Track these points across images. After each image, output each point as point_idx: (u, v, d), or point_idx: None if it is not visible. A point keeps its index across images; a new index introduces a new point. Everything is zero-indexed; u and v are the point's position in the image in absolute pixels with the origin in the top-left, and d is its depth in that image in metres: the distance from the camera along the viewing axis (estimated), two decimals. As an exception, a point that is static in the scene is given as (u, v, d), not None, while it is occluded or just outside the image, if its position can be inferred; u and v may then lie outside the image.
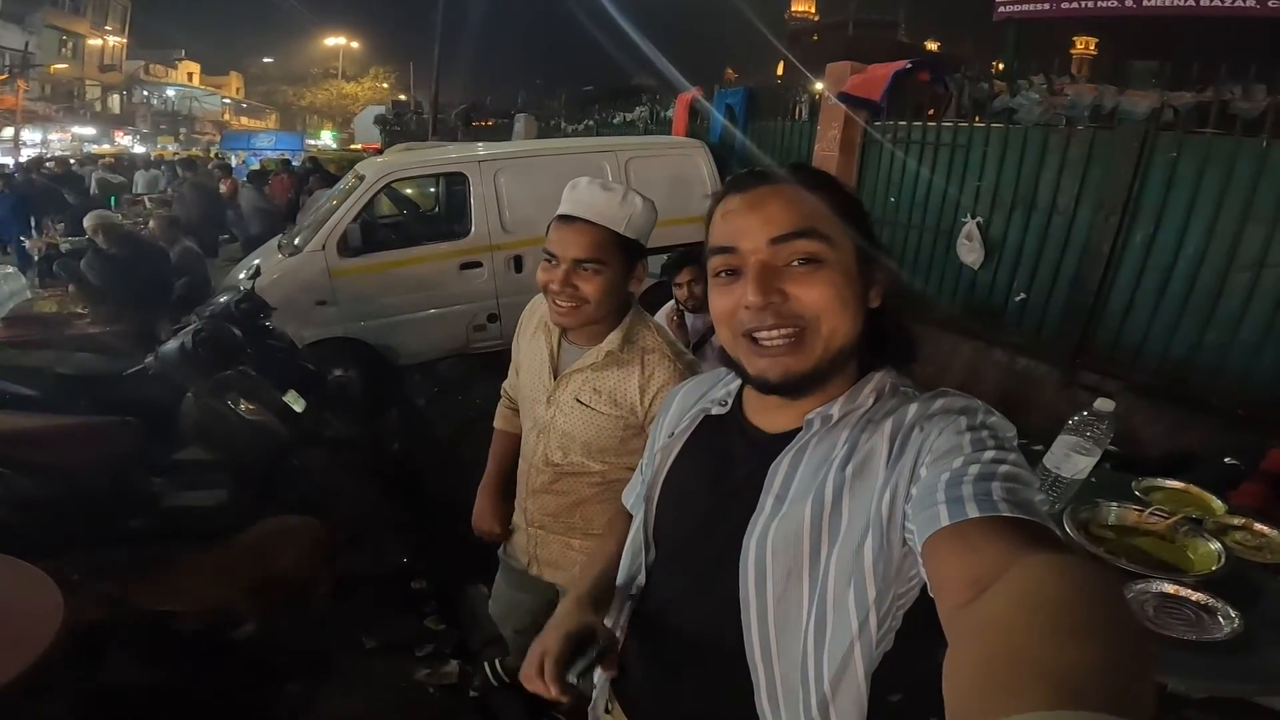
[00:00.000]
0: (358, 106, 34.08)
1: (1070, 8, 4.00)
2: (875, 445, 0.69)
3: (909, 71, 4.14)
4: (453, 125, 13.10)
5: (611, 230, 1.24)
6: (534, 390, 1.43)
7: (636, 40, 16.11)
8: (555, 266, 1.25)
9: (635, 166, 4.73)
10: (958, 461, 0.61)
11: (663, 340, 1.36)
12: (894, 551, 0.66)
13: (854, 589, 0.67)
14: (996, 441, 0.63)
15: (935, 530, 0.57)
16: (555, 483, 1.45)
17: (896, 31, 42.75)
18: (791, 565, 0.70)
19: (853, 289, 0.71)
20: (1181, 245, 3.14)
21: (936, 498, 0.59)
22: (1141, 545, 1.43)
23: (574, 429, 1.37)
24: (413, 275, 4.20)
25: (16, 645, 1.33)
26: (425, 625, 2.44)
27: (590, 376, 1.34)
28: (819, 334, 0.70)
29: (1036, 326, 3.68)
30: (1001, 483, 0.58)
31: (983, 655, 0.42)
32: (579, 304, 1.26)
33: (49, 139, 26.19)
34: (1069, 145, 3.45)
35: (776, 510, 0.72)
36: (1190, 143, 3.08)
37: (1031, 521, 0.55)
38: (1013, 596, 0.46)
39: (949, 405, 0.69)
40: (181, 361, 2.54)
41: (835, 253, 0.70)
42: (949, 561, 0.55)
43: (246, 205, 7.28)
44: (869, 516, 0.67)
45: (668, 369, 1.31)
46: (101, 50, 32.50)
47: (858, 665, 0.68)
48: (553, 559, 1.54)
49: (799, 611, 0.70)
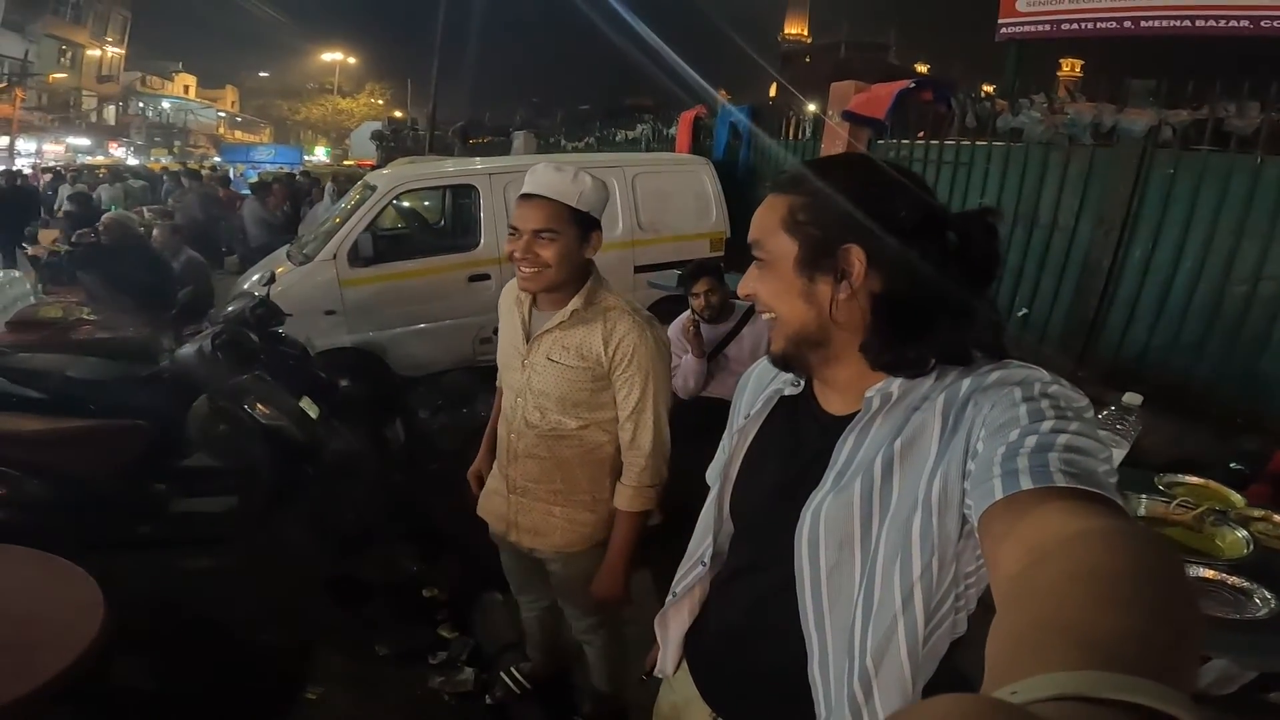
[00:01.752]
0: (353, 122, 34.25)
1: (1071, 29, 4.12)
2: (926, 420, 0.70)
3: (912, 90, 4.23)
4: (450, 142, 13.18)
5: (565, 204, 1.41)
6: (510, 357, 1.58)
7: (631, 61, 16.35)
8: (518, 237, 1.43)
9: (641, 182, 4.79)
10: (1014, 434, 0.60)
11: (620, 298, 1.52)
12: (949, 528, 0.66)
13: (900, 564, 0.68)
14: (1057, 411, 0.61)
15: (990, 504, 0.57)
16: (536, 446, 1.56)
17: (888, 54, 43.57)
18: (843, 538, 0.72)
19: (792, 286, 0.77)
20: (1180, 260, 3.21)
21: (992, 471, 0.58)
22: (1171, 535, 1.49)
23: (548, 385, 1.51)
24: (421, 287, 4.22)
25: (59, 642, 1.32)
26: (439, 633, 2.43)
27: (559, 335, 1.49)
28: (780, 322, 0.79)
29: (1039, 340, 3.74)
30: (1060, 453, 0.56)
31: (1022, 620, 0.42)
32: (541, 269, 1.42)
33: (43, 149, 26.11)
34: (1069, 162, 3.54)
35: (835, 485, 0.75)
36: (1187, 160, 3.17)
37: (1091, 491, 0.53)
38: (1062, 565, 0.45)
39: (1005, 378, 0.67)
40: (199, 364, 2.54)
41: (770, 256, 0.79)
42: (1002, 533, 0.54)
43: (250, 217, 7.29)
44: (918, 492, 0.68)
45: (627, 320, 1.47)
46: (100, 61, 32.51)
47: (900, 643, 0.68)
48: (533, 525, 1.64)
49: (850, 583, 0.72)
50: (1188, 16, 3.74)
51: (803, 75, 36.20)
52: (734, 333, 2.74)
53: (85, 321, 3.79)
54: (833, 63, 37.98)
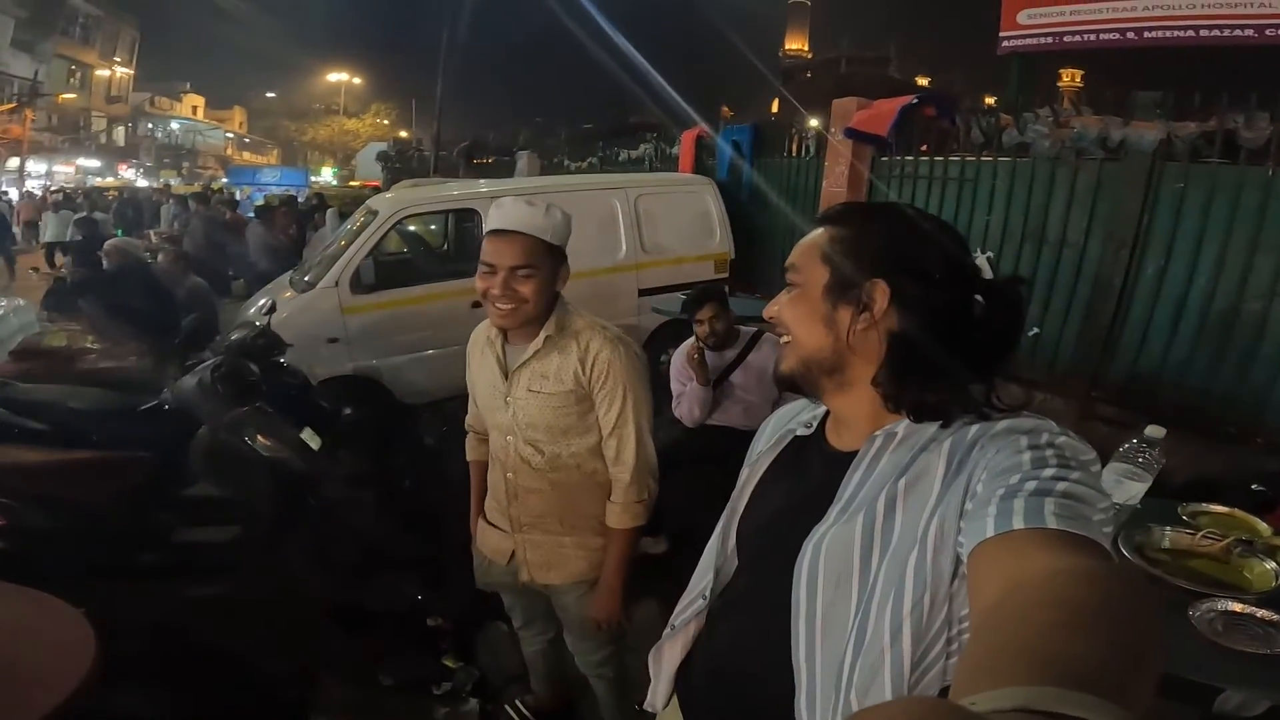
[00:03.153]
0: (359, 143, 34.62)
1: (1074, 41, 4.09)
2: (931, 462, 0.72)
3: (915, 106, 4.21)
4: (454, 162, 13.26)
5: (539, 239, 1.41)
6: (492, 399, 1.56)
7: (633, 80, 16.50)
8: (493, 274, 1.41)
9: (645, 203, 4.77)
10: (1015, 478, 0.62)
11: (589, 318, 1.53)
12: (942, 566, 0.67)
13: (893, 600, 0.69)
14: (1061, 460, 0.63)
15: (981, 540, 0.59)
16: (535, 480, 1.55)
17: (888, 68, 43.86)
18: (841, 572, 0.73)
19: (816, 311, 0.81)
20: (1193, 276, 3.17)
21: (988, 511, 0.60)
22: (1198, 567, 1.48)
23: (534, 416, 1.50)
24: (424, 313, 4.20)
25: (49, 681, 1.29)
26: (443, 663, 2.39)
27: (536, 365, 1.49)
28: (794, 344, 0.83)
29: (1050, 361, 3.69)
30: (1057, 498, 0.58)
31: (988, 642, 0.44)
32: (518, 305, 1.42)
33: (53, 170, 26.42)
34: (1077, 177, 3.50)
35: (838, 520, 0.76)
36: (1196, 173, 3.13)
37: (1080, 535, 0.55)
38: (1032, 595, 0.47)
39: (1014, 426, 0.69)
40: (199, 396, 2.52)
41: (803, 281, 0.83)
42: (988, 567, 0.57)
43: (254, 241, 7.31)
44: (918, 531, 0.69)
45: (599, 338, 1.48)
46: (109, 81, 32.98)
47: (886, 679, 0.68)
48: (544, 560, 1.61)
49: (845, 618, 0.73)
50: (1192, 26, 3.71)
51: (804, 91, 36.46)
52: (739, 359, 2.70)
53: (89, 351, 3.79)
54: (834, 77, 38.28)
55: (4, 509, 2.18)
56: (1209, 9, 3.63)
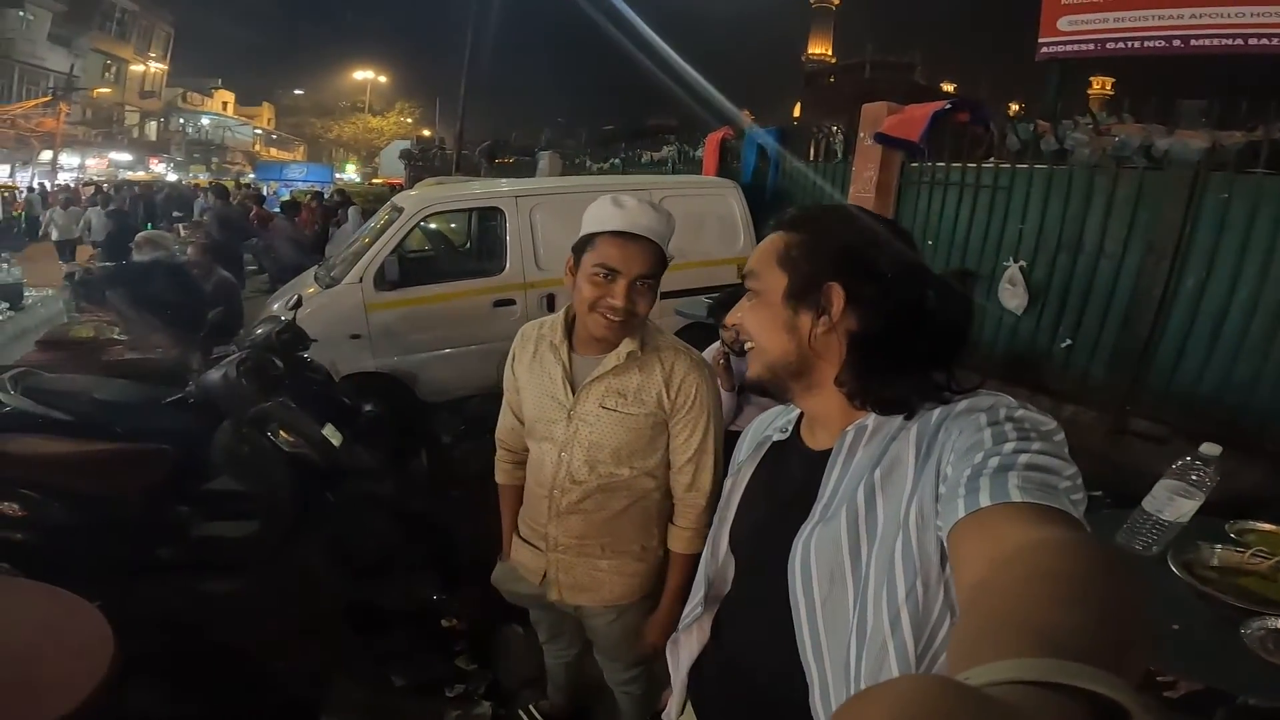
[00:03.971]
0: (382, 141, 34.98)
1: (1117, 48, 3.98)
2: (901, 450, 0.74)
3: (948, 112, 4.13)
4: (476, 161, 13.34)
5: (662, 248, 1.32)
6: (549, 411, 1.44)
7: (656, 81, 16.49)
8: (612, 281, 1.29)
9: (668, 205, 4.67)
10: (978, 456, 0.64)
11: (669, 336, 1.46)
12: (928, 550, 0.68)
13: (887, 588, 0.70)
14: (1020, 433, 0.65)
15: (955, 521, 0.60)
16: (583, 501, 1.45)
17: (913, 73, 43.35)
18: (834, 568, 0.75)
19: (777, 318, 0.82)
20: (1235, 289, 3.07)
21: (958, 492, 0.62)
22: (1246, 584, 1.46)
23: (602, 437, 1.39)
24: (446, 311, 4.19)
25: (67, 681, 1.28)
26: (456, 665, 2.38)
27: (613, 381, 1.38)
28: (759, 351, 0.85)
29: (1083, 373, 3.59)
30: (1021, 471, 0.60)
31: (980, 618, 0.45)
32: (629, 318, 1.31)
33: (86, 163, 26.97)
34: (1116, 186, 3.40)
35: (823, 517, 0.78)
36: (1241, 183, 3.03)
37: (1048, 506, 0.56)
38: (1018, 569, 0.48)
39: (973, 405, 0.72)
40: (224, 389, 2.52)
41: (763, 288, 0.84)
42: (965, 546, 0.58)
43: (279, 236, 7.38)
44: (900, 518, 0.71)
45: (685, 360, 1.40)
46: (143, 76, 33.66)
47: (893, 666, 0.69)
48: (576, 581, 1.53)
49: (845, 612, 0.74)
50: (1240, 35, 3.59)
51: (827, 95, 36.19)
52: (766, 365, 2.65)
53: (115, 342, 3.82)
54: (857, 82, 37.92)
55: (24, 500, 2.19)
56: (1258, 19, 3.51)
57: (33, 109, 23.50)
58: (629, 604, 1.53)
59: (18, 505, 2.19)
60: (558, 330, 1.44)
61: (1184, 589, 1.42)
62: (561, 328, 1.44)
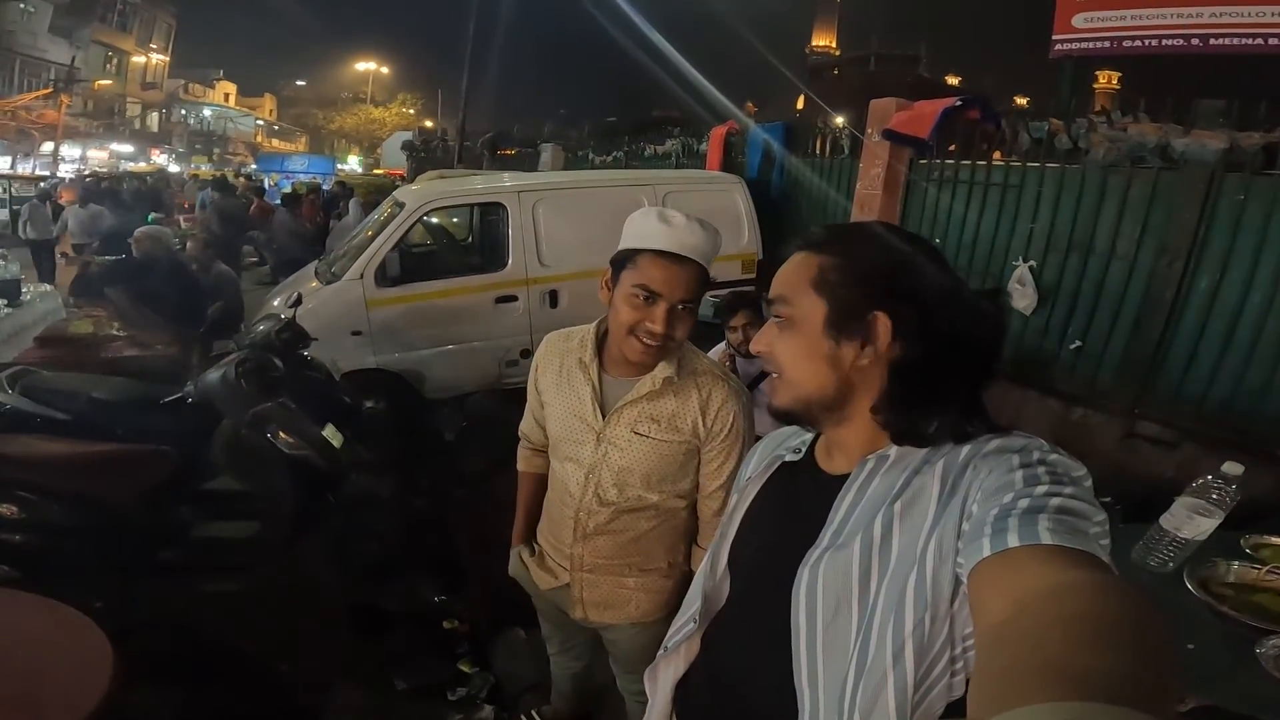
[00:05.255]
0: (384, 132, 34.87)
1: (1134, 46, 3.90)
2: (925, 484, 0.72)
3: (958, 109, 4.07)
4: (478, 153, 13.29)
5: (706, 269, 1.25)
6: (576, 432, 1.38)
7: (659, 74, 16.40)
8: (654, 305, 1.22)
9: (673, 201, 4.68)
10: (1008, 497, 0.62)
11: (707, 360, 1.39)
12: (942, 586, 0.67)
13: (894, 620, 0.69)
14: (1053, 477, 0.63)
15: (979, 560, 0.59)
16: (612, 522, 1.41)
17: (918, 66, 43.08)
18: (841, 596, 0.73)
19: (817, 349, 0.78)
20: (1249, 292, 3.02)
21: (983, 531, 0.60)
22: (1263, 602, 1.46)
23: (632, 462, 1.34)
24: (447, 308, 4.15)
25: (68, 698, 1.26)
26: (459, 668, 2.37)
27: (646, 407, 1.32)
28: (787, 380, 0.81)
29: (1092, 375, 3.55)
30: (1051, 514, 0.58)
31: (1007, 661, 0.44)
32: (666, 343, 1.25)
33: (88, 155, 26.91)
34: (1130, 187, 3.35)
35: (833, 543, 0.76)
36: (1259, 185, 2.97)
37: (1077, 550, 0.55)
38: (1046, 611, 0.47)
39: (1005, 445, 0.70)
40: (222, 391, 2.49)
41: (796, 315, 0.79)
42: (988, 585, 0.57)
43: (280, 229, 7.34)
44: (916, 552, 0.69)
45: (723, 388, 1.34)
46: (145, 68, 33.53)
47: (890, 699, 0.68)
48: (602, 600, 1.49)
49: (846, 640, 0.72)
50: (1261, 35, 3.52)
51: (831, 88, 36.01)
52: (772, 367, 2.62)
53: (115, 338, 3.80)
54: (862, 75, 37.71)
55: (23, 503, 2.17)
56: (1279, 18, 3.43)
57: (34, 101, 23.41)
58: (651, 621, 1.49)
59: (16, 507, 2.17)
60: (588, 347, 1.37)
61: (1200, 606, 1.41)
62: (592, 345, 1.37)
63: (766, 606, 0.81)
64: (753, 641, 0.85)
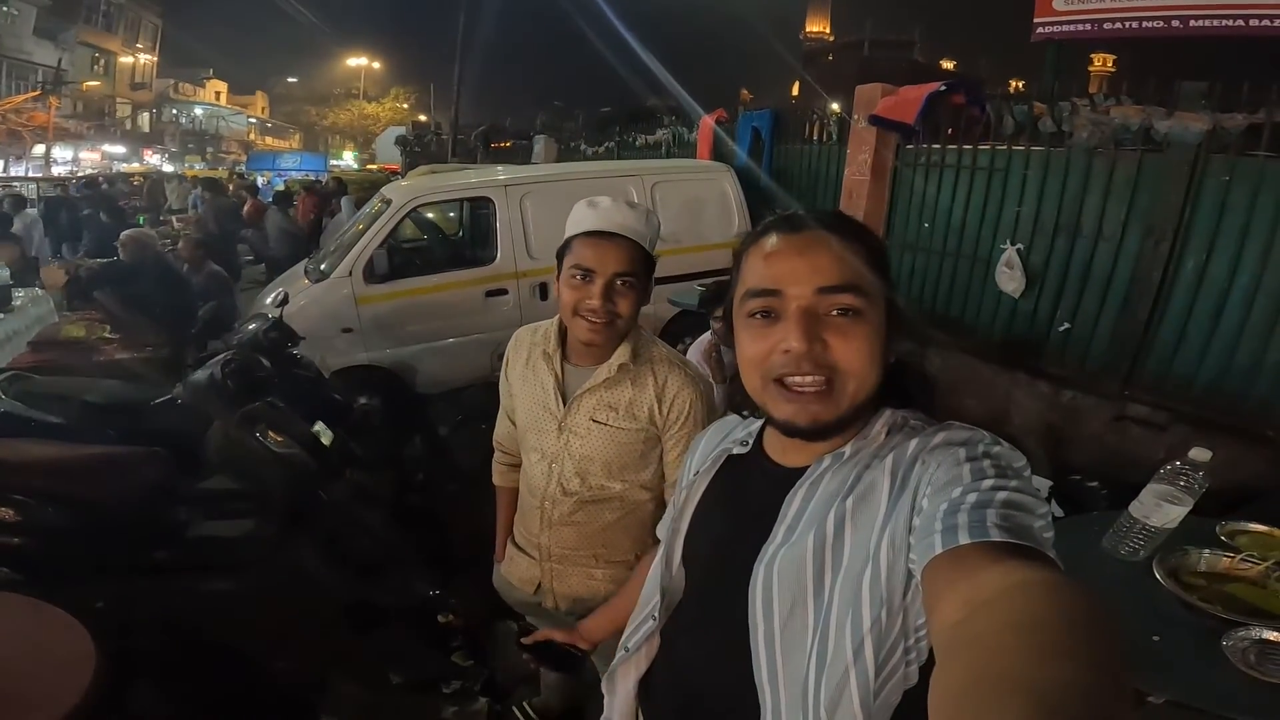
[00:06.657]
0: (378, 127, 34.68)
1: (1114, 29, 3.88)
2: (876, 479, 0.72)
3: (943, 94, 4.06)
4: (472, 146, 13.24)
5: (642, 246, 1.28)
6: (539, 421, 1.41)
7: (652, 62, 16.29)
8: (590, 282, 1.25)
9: (661, 190, 4.68)
10: (956, 491, 0.63)
11: (664, 347, 1.40)
12: (896, 581, 0.67)
13: (851, 616, 0.69)
14: (998, 470, 0.65)
15: (931, 557, 0.59)
16: (575, 513, 1.43)
17: (912, 51, 42.83)
18: (796, 592, 0.73)
19: (881, 344, 0.75)
20: (1235, 273, 3.02)
21: (934, 527, 0.61)
22: (1234, 591, 1.41)
23: (593, 450, 1.36)
24: (438, 303, 4.16)
25: (50, 696, 1.28)
26: (452, 661, 2.39)
27: (604, 394, 1.35)
28: (847, 385, 0.73)
29: (1081, 357, 3.55)
30: (998, 509, 0.60)
31: (966, 672, 0.44)
32: (611, 319, 1.27)
33: (79, 157, 26.77)
34: (1115, 169, 3.35)
35: (786, 539, 0.75)
36: (1243, 166, 2.97)
37: (1025, 546, 0.57)
38: (998, 615, 0.48)
39: (950, 438, 0.71)
40: (210, 392, 2.50)
41: (872, 309, 0.73)
42: (941, 584, 0.57)
43: (272, 228, 7.33)
44: (869, 548, 0.69)
45: (679, 375, 1.35)
46: (133, 68, 33.29)
47: (854, 694, 0.68)
48: (571, 591, 1.50)
49: (804, 637, 0.72)
50: (1241, 16, 3.50)
51: (825, 74, 35.78)
52: (758, 357, 2.63)
53: (107, 341, 3.81)
54: (856, 61, 37.45)
55: (18, 506, 2.18)
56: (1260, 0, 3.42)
57: (22, 103, 23.26)
58: None
59: (13, 511, 2.19)
60: (551, 338, 1.41)
61: (1169, 597, 1.36)
62: (555, 336, 1.41)
63: (724, 603, 0.81)
64: (712, 639, 0.84)
